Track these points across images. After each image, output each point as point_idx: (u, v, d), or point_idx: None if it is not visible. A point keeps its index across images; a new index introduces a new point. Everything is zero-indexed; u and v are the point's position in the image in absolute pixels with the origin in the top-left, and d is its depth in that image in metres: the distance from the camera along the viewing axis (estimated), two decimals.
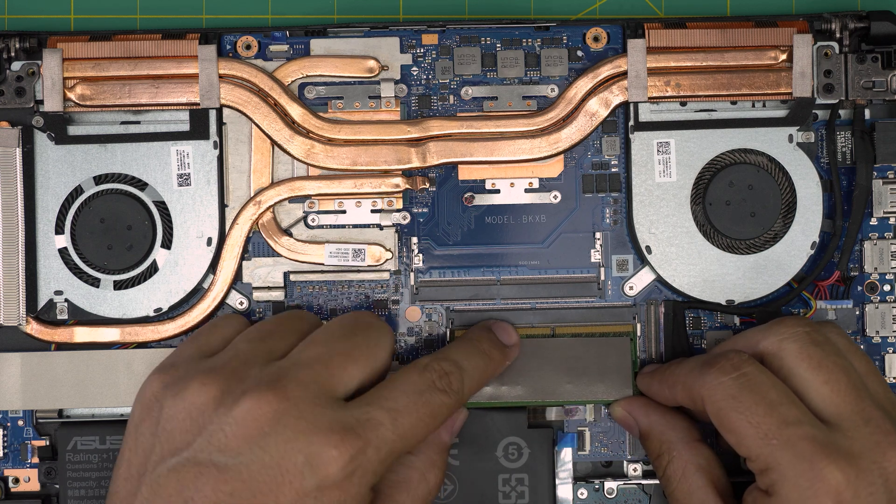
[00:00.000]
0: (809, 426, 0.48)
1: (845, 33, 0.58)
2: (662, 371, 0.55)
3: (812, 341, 0.50)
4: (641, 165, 0.58)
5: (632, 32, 0.58)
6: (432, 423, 0.50)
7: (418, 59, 0.59)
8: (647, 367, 0.57)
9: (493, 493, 0.56)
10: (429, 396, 0.50)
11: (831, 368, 0.50)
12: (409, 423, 0.48)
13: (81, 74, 0.57)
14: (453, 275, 0.59)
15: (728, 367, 0.50)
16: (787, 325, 0.51)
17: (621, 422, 0.56)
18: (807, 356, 0.50)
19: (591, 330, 0.58)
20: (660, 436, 0.54)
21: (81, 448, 0.56)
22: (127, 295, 0.57)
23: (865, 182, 0.57)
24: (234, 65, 0.58)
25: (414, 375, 0.50)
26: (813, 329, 0.51)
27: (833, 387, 0.49)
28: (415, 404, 0.49)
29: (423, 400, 0.49)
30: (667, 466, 0.54)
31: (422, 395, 0.49)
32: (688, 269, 0.57)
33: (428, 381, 0.50)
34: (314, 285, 0.59)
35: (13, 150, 0.57)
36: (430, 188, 0.59)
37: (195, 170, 0.58)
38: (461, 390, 0.51)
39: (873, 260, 0.58)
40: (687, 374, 0.52)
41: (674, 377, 0.53)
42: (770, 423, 0.48)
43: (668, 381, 0.54)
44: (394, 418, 0.48)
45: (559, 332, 0.58)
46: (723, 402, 0.49)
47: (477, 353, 0.54)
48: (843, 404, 0.49)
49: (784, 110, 0.58)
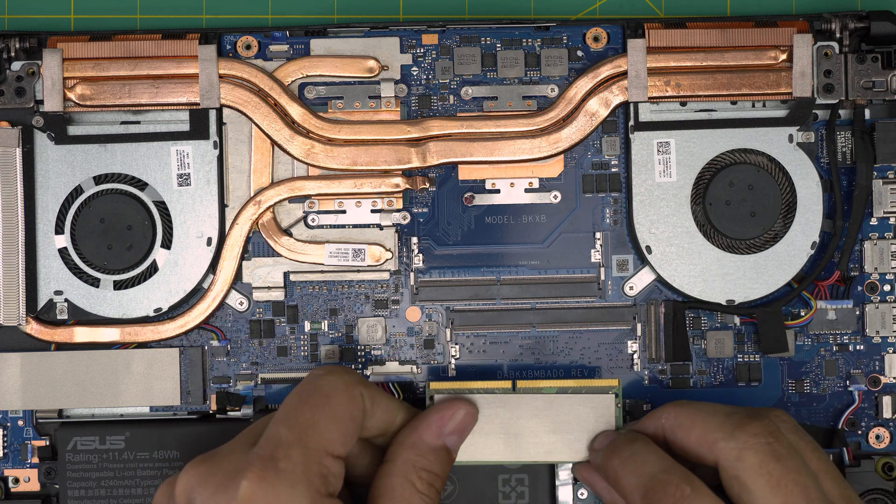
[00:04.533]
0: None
1: (845, 33, 0.58)
2: (606, 469, 0.52)
3: (773, 455, 0.47)
4: (641, 165, 0.58)
5: (632, 32, 0.58)
6: (330, 403, 0.48)
7: (418, 59, 0.59)
8: (597, 441, 0.54)
9: (493, 493, 0.56)
10: (310, 385, 0.48)
11: (790, 488, 0.46)
12: (305, 416, 0.47)
13: (81, 74, 0.57)
14: (453, 275, 0.59)
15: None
16: (748, 431, 0.48)
17: (584, 483, 0.55)
18: (766, 472, 0.46)
19: (576, 384, 0.54)
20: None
21: (81, 448, 0.56)
22: (127, 295, 0.57)
23: (865, 182, 0.57)
24: (234, 65, 0.58)
25: (296, 386, 0.50)
26: (775, 439, 0.48)
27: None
28: (300, 399, 0.48)
29: (305, 391, 0.48)
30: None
31: (302, 389, 0.48)
32: (688, 269, 0.57)
33: (306, 378, 0.49)
34: (314, 285, 0.59)
35: (13, 150, 0.57)
36: (430, 188, 0.59)
37: (195, 170, 0.58)
38: (344, 370, 0.50)
39: (873, 260, 0.58)
40: (629, 495, 0.49)
41: (617, 485, 0.50)
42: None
43: (612, 484, 0.51)
44: (287, 423, 0.47)
45: (543, 386, 0.54)
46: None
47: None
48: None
49: (784, 110, 0.58)
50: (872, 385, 0.58)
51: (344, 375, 0.49)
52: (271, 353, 0.58)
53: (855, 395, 0.58)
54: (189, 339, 0.58)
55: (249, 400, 0.58)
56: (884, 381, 0.58)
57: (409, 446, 0.51)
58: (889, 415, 0.58)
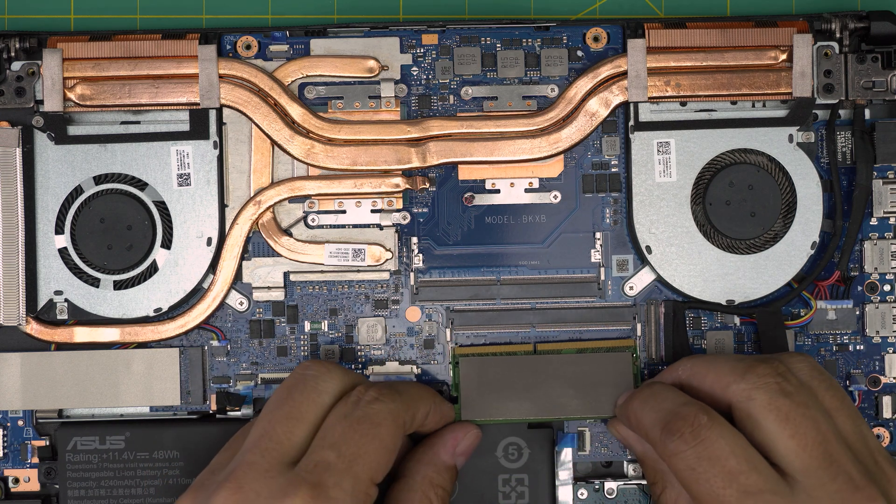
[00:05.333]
0: (770, 494, 0.47)
1: (845, 33, 0.58)
2: (628, 413, 0.54)
3: (781, 392, 0.49)
4: (641, 165, 0.58)
5: (632, 32, 0.58)
6: (380, 433, 0.49)
7: (418, 59, 0.59)
8: (621, 397, 0.56)
9: (493, 494, 0.56)
10: (359, 412, 0.49)
11: (799, 421, 0.48)
12: (354, 445, 0.48)
13: (81, 74, 0.57)
14: (453, 275, 0.59)
15: (688, 436, 0.48)
16: (757, 372, 0.50)
17: (619, 440, 0.57)
18: (775, 408, 0.48)
19: (593, 346, 0.58)
20: (654, 464, 0.54)
21: (81, 448, 0.56)
22: (127, 295, 0.57)
23: (865, 182, 0.57)
24: (234, 65, 0.58)
25: (339, 406, 0.50)
26: (783, 378, 0.49)
27: (800, 441, 0.48)
28: (350, 426, 0.49)
29: (355, 418, 0.49)
30: (661, 494, 0.54)
31: (352, 415, 0.49)
32: (688, 269, 0.57)
33: (352, 401, 0.50)
34: (314, 285, 0.59)
35: (13, 150, 0.57)
36: (430, 188, 0.59)
37: (195, 170, 0.58)
38: (392, 395, 0.51)
39: (873, 260, 0.58)
40: (650, 430, 0.51)
41: (639, 426, 0.52)
42: (730, 495, 0.47)
43: (634, 427, 0.53)
44: (337, 449, 0.48)
45: (563, 348, 0.57)
46: (684, 472, 0.48)
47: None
48: (810, 459, 0.47)
49: (784, 110, 0.58)
50: (872, 385, 0.58)
51: (390, 404, 0.50)
52: (271, 353, 0.58)
53: (855, 395, 0.58)
54: (189, 339, 0.58)
55: (249, 400, 0.58)
56: (884, 381, 0.58)
57: (427, 463, 0.53)
58: (889, 415, 0.58)
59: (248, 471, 0.47)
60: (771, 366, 0.50)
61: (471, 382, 0.56)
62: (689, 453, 0.48)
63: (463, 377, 0.56)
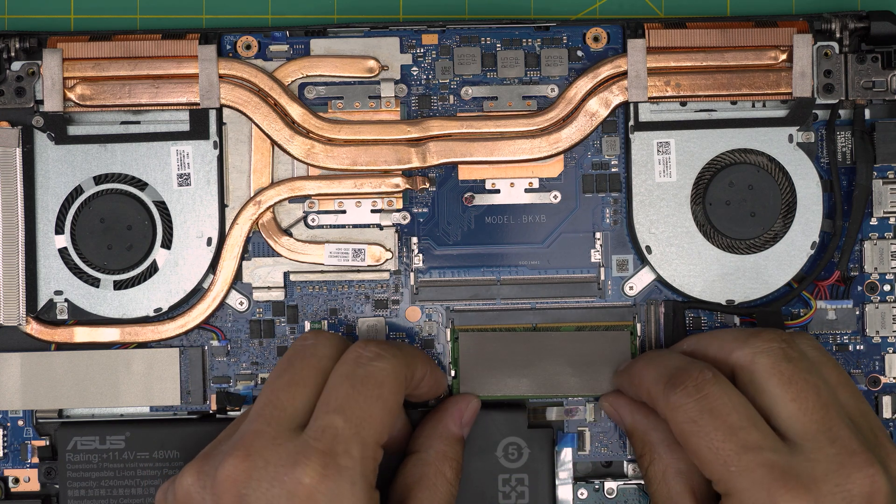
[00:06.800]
0: (770, 451, 0.47)
1: (845, 33, 0.58)
2: (631, 372, 0.54)
3: (785, 356, 0.49)
4: (641, 165, 0.58)
5: (632, 32, 0.58)
6: (383, 394, 0.49)
7: (418, 59, 0.59)
8: (622, 364, 0.56)
9: (493, 494, 0.56)
10: (362, 371, 0.49)
11: (801, 385, 0.48)
12: (361, 407, 0.48)
13: (81, 74, 0.57)
14: (453, 275, 0.59)
15: (691, 389, 0.49)
16: (762, 338, 0.50)
17: (609, 416, 0.57)
18: (777, 372, 0.49)
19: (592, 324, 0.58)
20: (643, 436, 0.54)
21: (81, 448, 0.56)
22: (127, 295, 0.57)
23: (865, 182, 0.57)
24: (234, 65, 0.58)
25: (340, 365, 0.50)
26: (787, 344, 0.50)
27: (801, 404, 0.48)
28: (353, 388, 0.48)
29: (358, 378, 0.49)
30: (648, 467, 0.54)
31: (354, 374, 0.49)
32: (688, 269, 0.57)
33: (353, 358, 0.50)
34: (314, 285, 0.59)
35: (13, 150, 0.57)
36: (430, 188, 0.59)
37: (195, 170, 0.58)
38: (392, 350, 0.50)
39: (873, 260, 0.58)
40: (652, 386, 0.51)
41: (641, 383, 0.53)
42: (729, 449, 0.47)
43: (636, 385, 0.53)
44: (343, 413, 0.47)
45: (561, 326, 0.58)
46: (684, 424, 0.49)
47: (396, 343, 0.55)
48: (810, 423, 0.48)
49: (784, 110, 0.58)
50: (872, 385, 0.58)
51: (392, 360, 0.50)
52: (271, 353, 0.58)
53: None
54: (189, 339, 0.58)
55: (249, 400, 0.58)
56: (884, 381, 0.58)
57: (437, 437, 0.53)
58: (889, 415, 0.58)
59: (255, 439, 0.47)
60: (775, 332, 0.51)
61: (470, 358, 0.57)
62: (691, 406, 0.49)
63: (462, 352, 0.57)
